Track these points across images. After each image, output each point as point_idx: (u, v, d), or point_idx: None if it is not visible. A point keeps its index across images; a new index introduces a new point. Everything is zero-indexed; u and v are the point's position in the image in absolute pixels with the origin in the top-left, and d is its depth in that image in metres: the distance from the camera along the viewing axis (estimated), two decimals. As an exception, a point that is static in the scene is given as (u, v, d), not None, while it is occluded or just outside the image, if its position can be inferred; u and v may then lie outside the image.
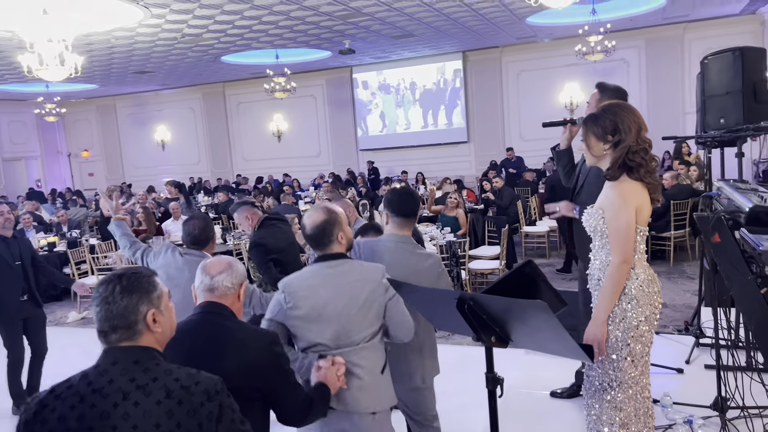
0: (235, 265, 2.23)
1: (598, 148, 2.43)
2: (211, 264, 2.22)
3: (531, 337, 1.63)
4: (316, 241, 2.40)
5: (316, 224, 2.39)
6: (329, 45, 14.05)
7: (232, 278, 2.18)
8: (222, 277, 2.16)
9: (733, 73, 5.11)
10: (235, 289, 2.19)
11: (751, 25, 14.06)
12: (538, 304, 1.44)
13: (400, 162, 17.04)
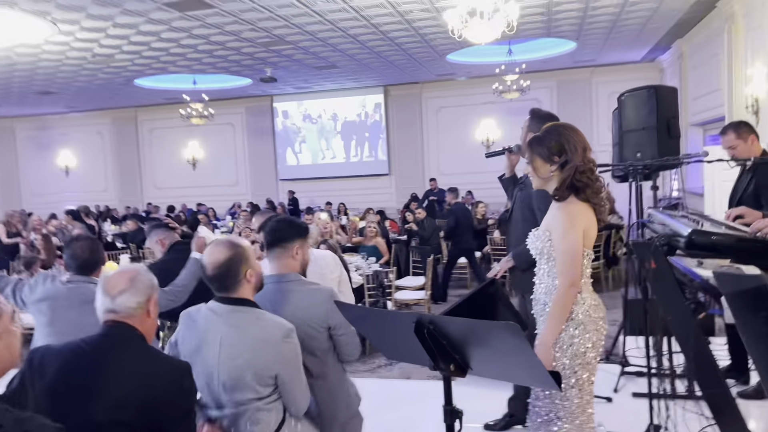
0: (140, 278, 1.97)
1: (544, 170, 2.38)
2: (111, 281, 1.94)
3: (494, 363, 1.49)
4: (220, 283, 2.13)
5: (219, 263, 2.12)
6: (250, 72, 13.79)
7: (137, 296, 1.92)
8: (124, 298, 1.90)
9: (648, 110, 5.33)
10: (142, 307, 1.92)
11: (650, 72, 15.08)
12: (510, 326, 1.31)
13: (321, 193, 16.85)
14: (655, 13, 10.25)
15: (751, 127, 3.97)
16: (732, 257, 2.40)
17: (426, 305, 6.81)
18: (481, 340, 1.42)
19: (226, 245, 2.19)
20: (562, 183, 2.32)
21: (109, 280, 1.94)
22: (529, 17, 9.70)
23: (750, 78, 8.75)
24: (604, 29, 11.27)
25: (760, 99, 8.53)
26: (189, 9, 8.74)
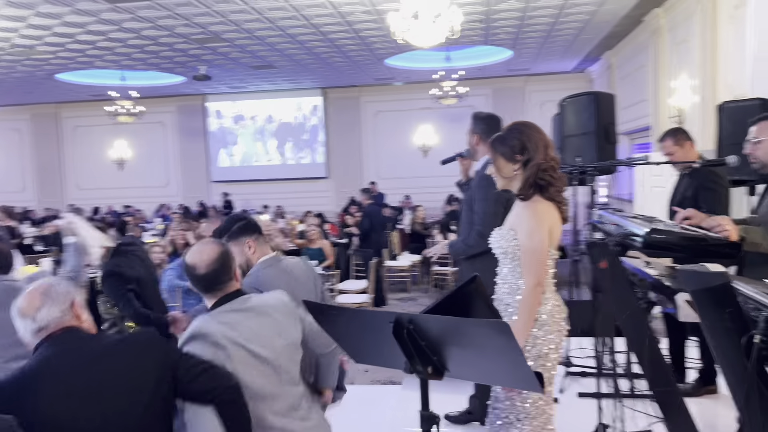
0: (53, 289, 1.85)
1: (507, 169, 2.35)
2: (23, 305, 1.81)
3: (475, 364, 1.42)
4: (214, 281, 2.03)
5: (213, 260, 2.03)
6: (183, 70, 13.33)
7: (60, 304, 1.81)
8: (45, 312, 1.78)
9: (588, 115, 5.45)
10: (70, 309, 1.83)
11: (580, 82, 15.62)
12: (501, 324, 1.25)
13: (257, 195, 16.48)
14: (587, 24, 10.61)
15: (687, 133, 4.13)
16: (687, 256, 2.44)
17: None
18: (467, 340, 1.34)
19: (211, 243, 2.15)
20: (526, 181, 2.29)
21: (20, 306, 1.81)
22: (468, 24, 9.82)
23: (675, 90, 9.18)
24: (539, 38, 11.58)
25: (684, 110, 8.97)
26: (120, 0, 8.33)
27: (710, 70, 7.88)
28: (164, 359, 1.81)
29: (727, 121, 5.32)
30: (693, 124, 8.27)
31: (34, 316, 1.77)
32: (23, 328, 1.79)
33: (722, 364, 1.89)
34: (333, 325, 1.57)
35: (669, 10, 9.27)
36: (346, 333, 1.55)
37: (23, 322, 1.79)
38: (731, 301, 1.79)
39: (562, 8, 9.53)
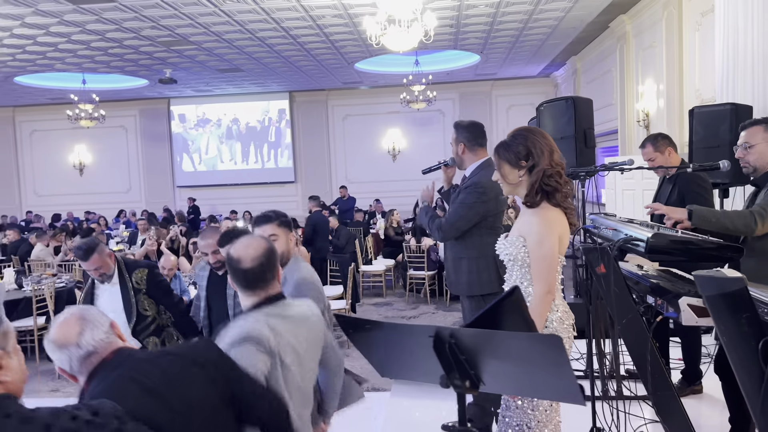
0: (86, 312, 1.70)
1: (513, 176, 2.32)
2: (58, 335, 1.65)
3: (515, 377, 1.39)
4: (259, 277, 1.93)
5: (260, 254, 1.94)
6: (147, 73, 13.03)
7: (101, 326, 1.67)
8: (89, 335, 1.64)
9: (567, 120, 5.52)
10: (112, 330, 1.70)
11: (545, 87, 15.90)
12: (554, 338, 1.22)
13: (224, 200, 16.22)
14: (555, 30, 10.78)
15: (668, 139, 4.18)
16: (688, 259, 2.47)
17: (347, 314, 6.66)
18: (511, 353, 1.31)
19: (257, 238, 2.06)
20: (532, 187, 2.27)
21: (56, 337, 1.65)
22: (439, 28, 9.86)
23: (641, 94, 9.40)
24: (507, 43, 11.71)
25: (650, 113, 9.19)
26: (84, 1, 8.09)
27: (676, 75, 8.08)
28: (225, 372, 1.72)
29: (698, 126, 5.46)
30: (659, 128, 8.47)
31: (78, 342, 1.63)
32: (67, 359, 1.62)
33: (737, 368, 1.90)
34: (365, 339, 1.52)
35: (634, 16, 9.49)
36: (379, 347, 1.51)
37: (65, 352, 1.62)
38: (748, 306, 1.80)
39: (531, 14, 9.66)
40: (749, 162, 2.84)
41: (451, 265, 3.48)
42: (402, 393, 4.48)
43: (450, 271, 3.54)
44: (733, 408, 3.07)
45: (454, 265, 3.46)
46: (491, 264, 3.36)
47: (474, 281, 3.37)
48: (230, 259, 1.97)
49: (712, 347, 4.91)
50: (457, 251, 3.43)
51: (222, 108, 16.64)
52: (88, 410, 1.24)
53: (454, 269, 3.46)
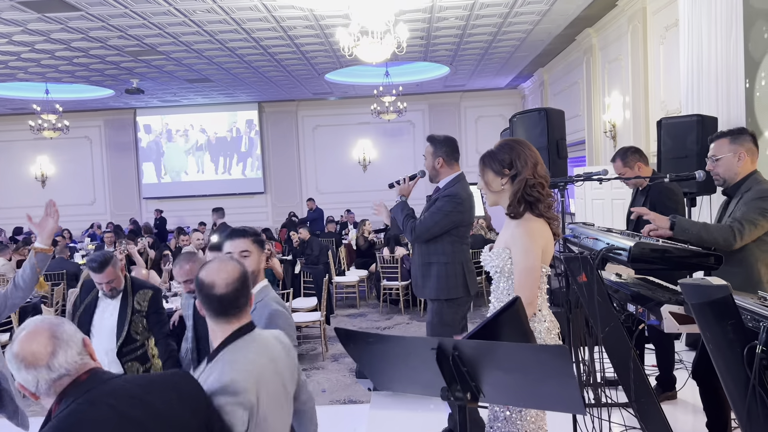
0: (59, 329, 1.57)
1: (496, 184, 2.36)
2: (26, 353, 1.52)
3: (517, 388, 1.39)
4: (233, 303, 1.82)
5: (234, 279, 1.82)
6: (113, 83, 12.80)
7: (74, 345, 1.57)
8: (62, 357, 1.54)
9: (540, 131, 5.58)
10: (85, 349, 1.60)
11: (513, 98, 16.15)
12: (560, 349, 1.22)
13: (192, 212, 15.96)
14: (523, 42, 10.96)
15: (638, 153, 4.27)
16: (670, 268, 2.52)
17: (321, 326, 6.61)
18: (514, 364, 1.31)
19: (231, 261, 1.93)
20: (514, 196, 2.30)
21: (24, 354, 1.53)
22: (411, 40, 9.93)
23: (608, 106, 9.62)
24: (476, 55, 11.86)
25: (617, 125, 9.40)
26: (49, 10, 7.91)
27: (642, 87, 8.29)
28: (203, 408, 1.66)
29: (666, 136, 5.60)
30: (626, 139, 8.68)
31: (50, 364, 1.51)
32: (33, 380, 1.51)
33: (723, 374, 1.94)
34: (366, 352, 1.51)
35: (600, 30, 9.72)
36: (379, 360, 1.49)
37: (32, 373, 1.51)
38: (733, 313, 1.85)
39: (500, 27, 9.81)
40: (719, 174, 2.93)
41: (419, 269, 3.61)
42: (381, 405, 4.45)
43: (417, 275, 3.67)
44: (710, 413, 3.13)
45: (422, 270, 3.59)
46: (459, 270, 3.58)
47: (442, 286, 3.53)
48: (201, 284, 1.84)
49: (683, 353, 5.03)
50: (426, 256, 3.57)
51: (190, 119, 16.44)
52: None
53: (422, 273, 3.60)
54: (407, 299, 8.54)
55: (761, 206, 2.73)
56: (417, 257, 3.67)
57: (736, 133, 2.95)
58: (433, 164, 3.69)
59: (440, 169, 3.69)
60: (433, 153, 3.71)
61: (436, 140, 3.79)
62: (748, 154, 2.90)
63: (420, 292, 3.69)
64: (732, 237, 2.66)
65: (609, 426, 3.46)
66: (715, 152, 2.98)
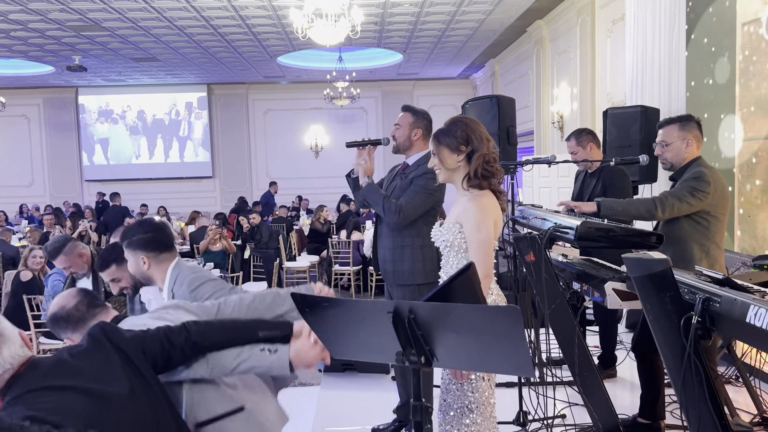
0: (1, 326, 1.62)
1: (451, 161, 2.38)
2: None
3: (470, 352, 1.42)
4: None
5: None
6: (54, 59, 12.28)
7: (15, 338, 1.62)
8: (6, 353, 1.58)
9: (491, 118, 5.67)
10: (23, 341, 1.66)
11: (465, 88, 16.31)
12: (512, 309, 1.25)
13: (136, 196, 15.49)
14: (475, 32, 11.08)
15: (592, 135, 4.40)
16: (614, 246, 2.62)
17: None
18: (468, 326, 1.34)
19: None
20: (475, 172, 2.33)
21: None
22: (364, 26, 9.89)
23: (556, 97, 9.84)
24: (429, 44, 11.91)
25: (564, 115, 9.63)
26: (-15, -23, 7.52)
27: (589, 79, 8.52)
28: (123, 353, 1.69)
29: (611, 126, 5.79)
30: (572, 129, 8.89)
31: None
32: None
33: (661, 344, 2.04)
34: (321, 317, 1.51)
35: (550, 22, 9.91)
36: (335, 326, 1.49)
37: None
38: (672, 285, 1.94)
39: (453, 15, 9.88)
40: (667, 159, 3.05)
41: (390, 253, 3.35)
42: (332, 386, 4.47)
43: (387, 259, 3.38)
44: (645, 385, 3.28)
45: (394, 254, 3.33)
46: (435, 254, 3.21)
47: (418, 270, 3.28)
48: None
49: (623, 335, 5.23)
50: (400, 240, 3.31)
51: (135, 99, 15.93)
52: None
53: (393, 258, 3.33)
54: (358, 284, 8.56)
55: (692, 185, 2.86)
56: (388, 240, 3.38)
57: (684, 120, 3.07)
58: (410, 135, 3.39)
59: (415, 141, 3.39)
60: (412, 123, 3.41)
61: (416, 110, 3.47)
62: (695, 140, 3.03)
63: (392, 278, 3.40)
64: (654, 208, 2.77)
65: (554, 403, 3.59)
66: (664, 138, 3.07)
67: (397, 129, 3.44)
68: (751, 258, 3.70)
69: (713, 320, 1.83)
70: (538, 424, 3.43)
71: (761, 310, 1.59)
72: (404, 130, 3.40)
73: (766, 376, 3.69)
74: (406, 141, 3.39)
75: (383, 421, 3.74)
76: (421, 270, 3.28)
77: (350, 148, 3.54)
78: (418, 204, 3.25)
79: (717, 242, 3.00)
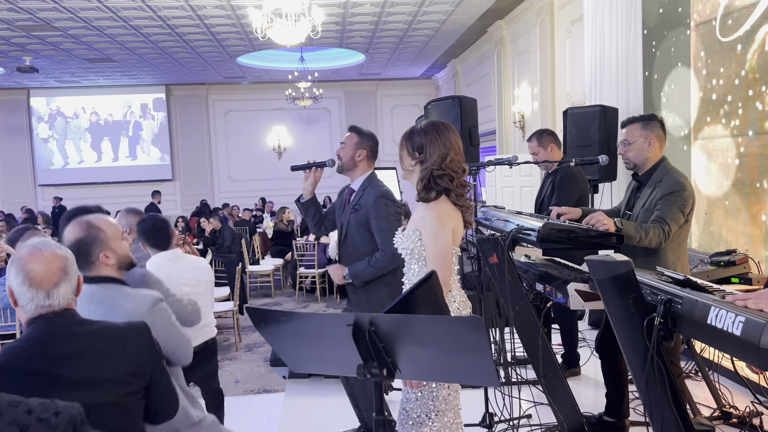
0: (68, 264, 1.70)
1: (407, 163, 2.40)
2: (36, 273, 1.63)
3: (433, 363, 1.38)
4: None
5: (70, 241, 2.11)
6: (3, 60, 11.85)
7: (73, 282, 1.70)
8: (63, 289, 1.67)
9: (453, 118, 5.67)
10: (76, 288, 1.74)
11: (427, 88, 16.37)
12: (475, 320, 1.22)
13: (94, 200, 14.84)
14: (437, 32, 11.11)
15: (552, 136, 4.43)
16: (576, 247, 2.62)
17: (234, 316, 6.43)
18: (430, 338, 1.30)
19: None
20: (420, 182, 2.32)
21: (34, 274, 1.62)
22: (325, 25, 9.81)
23: (517, 97, 9.92)
24: (392, 44, 11.90)
25: (526, 115, 9.72)
26: (-74, -25, 7.19)
27: (549, 79, 8.61)
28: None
29: (571, 125, 5.85)
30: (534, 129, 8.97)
31: (49, 292, 1.63)
32: (28, 297, 1.61)
33: (624, 346, 2.03)
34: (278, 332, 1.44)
35: (511, 22, 10.00)
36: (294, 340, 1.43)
37: (32, 292, 1.61)
38: (634, 287, 1.93)
39: (415, 15, 9.88)
40: (629, 158, 3.05)
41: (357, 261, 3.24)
42: (296, 393, 4.39)
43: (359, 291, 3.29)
44: (610, 385, 3.30)
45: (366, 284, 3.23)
46: None
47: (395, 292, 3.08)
48: None
49: (586, 332, 5.29)
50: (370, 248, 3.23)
51: (90, 101, 15.50)
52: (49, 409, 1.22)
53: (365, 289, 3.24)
54: (324, 287, 8.49)
55: (679, 202, 2.85)
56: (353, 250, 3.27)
57: (647, 119, 3.07)
58: (354, 155, 3.30)
59: (359, 162, 3.30)
60: (357, 143, 3.31)
61: (362, 132, 3.37)
62: (658, 140, 3.02)
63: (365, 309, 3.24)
64: (664, 239, 2.80)
65: (519, 403, 3.59)
66: (627, 137, 3.06)
67: (342, 148, 3.35)
68: (708, 255, 3.77)
69: (675, 321, 1.83)
70: (504, 425, 3.42)
71: (722, 311, 1.59)
72: (349, 150, 3.31)
73: (724, 370, 3.76)
74: (350, 161, 3.30)
75: (349, 426, 3.70)
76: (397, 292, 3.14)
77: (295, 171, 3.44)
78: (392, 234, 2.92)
79: (684, 245, 3.05)
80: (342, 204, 3.43)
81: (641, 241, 2.77)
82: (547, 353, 2.87)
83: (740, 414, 3.41)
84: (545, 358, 2.86)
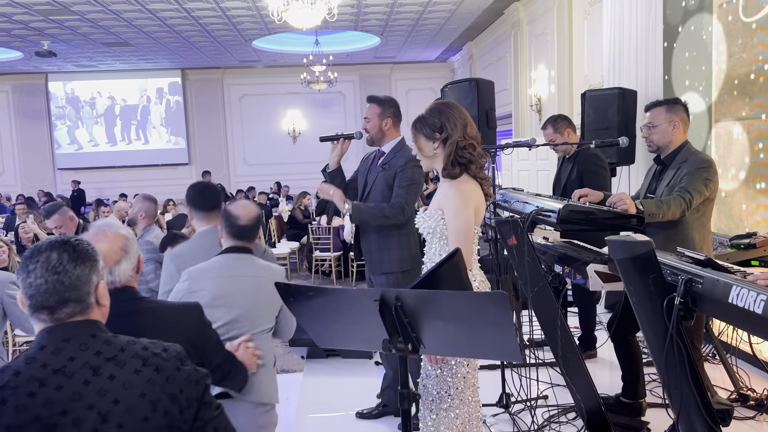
0: (129, 244, 1.81)
1: (428, 148, 2.37)
2: (101, 249, 1.63)
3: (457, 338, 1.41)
4: (251, 234, 2.44)
5: (254, 216, 2.44)
6: (22, 44, 11.95)
7: (133, 260, 1.81)
8: (124, 267, 1.78)
9: (470, 101, 5.65)
10: (137, 266, 1.85)
11: (443, 71, 16.26)
12: (499, 295, 1.24)
13: (111, 183, 15.25)
14: (453, 15, 11.02)
15: (567, 121, 4.41)
16: (596, 229, 2.63)
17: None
18: (455, 313, 1.32)
19: (251, 204, 2.54)
20: (447, 159, 2.33)
21: (99, 251, 1.62)
22: (340, 8, 9.77)
23: (534, 80, 9.85)
24: (407, 27, 11.82)
25: (542, 98, 9.65)
26: (-53, -41, 7.25)
27: (566, 62, 8.53)
28: None
29: (589, 108, 5.80)
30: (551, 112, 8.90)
31: (112, 269, 1.73)
32: None
33: (644, 326, 2.05)
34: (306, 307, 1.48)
35: (528, 4, 9.89)
36: (320, 315, 1.47)
37: None
38: (655, 267, 1.94)
39: (431, -3, 9.81)
40: (653, 141, 3.05)
41: (376, 242, 3.32)
42: (315, 372, 4.46)
43: (373, 248, 3.36)
44: (625, 367, 3.32)
45: (380, 244, 3.31)
46: (417, 240, 3.31)
47: (405, 257, 3.30)
48: (228, 215, 2.43)
49: (603, 315, 5.30)
50: (386, 228, 3.29)
51: (109, 85, 15.60)
52: (158, 346, 1.37)
53: (379, 247, 3.32)
54: (339, 270, 8.54)
55: (704, 176, 2.85)
56: (373, 229, 3.33)
57: (671, 103, 3.07)
58: (380, 125, 3.36)
59: (387, 131, 3.37)
60: (380, 114, 3.37)
61: (381, 100, 3.42)
62: (682, 123, 3.03)
63: (377, 268, 3.36)
64: (687, 207, 2.80)
65: (537, 384, 3.62)
66: (651, 120, 3.06)
67: (367, 122, 3.41)
68: (728, 238, 3.75)
69: (695, 301, 1.84)
70: (521, 405, 3.46)
71: (743, 290, 1.60)
72: (374, 121, 3.36)
73: (742, 353, 3.76)
74: (378, 132, 3.37)
75: (367, 405, 3.75)
76: (407, 257, 3.31)
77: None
78: (413, 196, 3.27)
79: (708, 226, 3.05)
80: (367, 168, 3.50)
81: (665, 215, 2.77)
82: (566, 334, 2.89)
83: (758, 396, 3.42)
84: (563, 339, 2.88)
